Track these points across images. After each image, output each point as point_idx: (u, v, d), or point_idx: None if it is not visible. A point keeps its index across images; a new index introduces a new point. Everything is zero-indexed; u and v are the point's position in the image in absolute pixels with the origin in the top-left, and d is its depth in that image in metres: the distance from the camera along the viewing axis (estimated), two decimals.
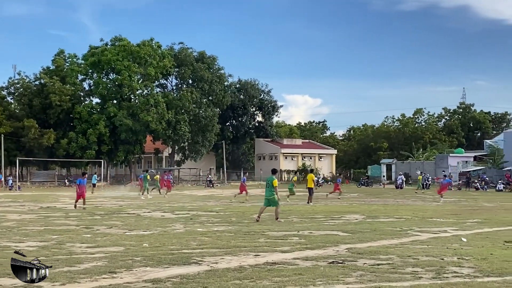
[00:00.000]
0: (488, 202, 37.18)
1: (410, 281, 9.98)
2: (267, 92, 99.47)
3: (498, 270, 11.05)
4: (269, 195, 21.83)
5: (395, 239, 16.07)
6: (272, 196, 21.76)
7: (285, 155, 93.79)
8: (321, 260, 12.25)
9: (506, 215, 25.68)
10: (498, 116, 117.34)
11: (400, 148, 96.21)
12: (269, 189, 21.86)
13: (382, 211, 27.42)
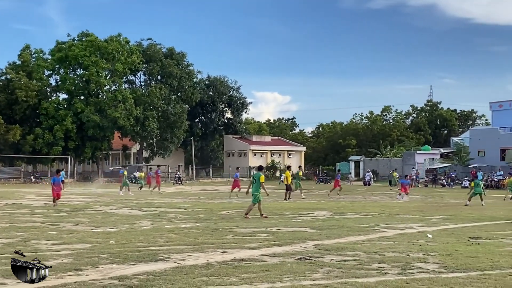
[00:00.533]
0: (454, 198, 37.61)
1: (376, 277, 10.05)
2: (236, 88, 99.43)
3: (462, 266, 11.18)
4: (254, 191, 21.99)
5: (362, 235, 16.18)
6: (256, 192, 21.83)
7: (254, 152, 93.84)
8: (289, 256, 12.28)
9: (471, 211, 26.00)
10: (464, 113, 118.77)
11: (368, 145, 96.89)
12: (256, 185, 21.98)
13: (350, 208, 27.58)
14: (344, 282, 9.50)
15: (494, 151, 74.19)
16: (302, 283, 9.43)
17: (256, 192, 21.99)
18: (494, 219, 21.89)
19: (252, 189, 22.47)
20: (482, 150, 76.29)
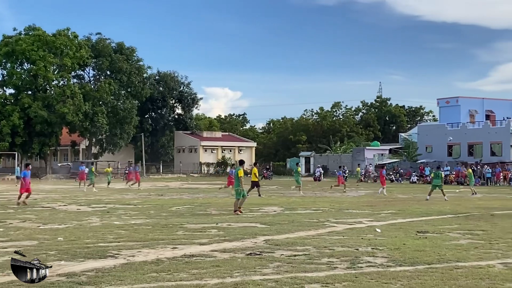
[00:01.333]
0: (402, 193, 38.19)
1: (325, 271, 10.12)
2: (187, 84, 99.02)
3: (410, 259, 11.34)
4: (236, 186, 22.16)
5: (312, 230, 16.29)
6: (237, 187, 22.01)
7: (205, 148, 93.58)
8: (239, 252, 12.29)
9: (419, 206, 26.42)
10: (412, 110, 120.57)
11: (319, 141, 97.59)
12: (238, 180, 21.97)
13: (300, 203, 27.73)
14: (294, 277, 9.55)
15: (441, 146, 75.54)
16: (252, 278, 9.44)
17: (237, 186, 21.98)
18: (441, 213, 22.28)
19: (235, 184, 22.42)
20: (429, 146, 77.62)
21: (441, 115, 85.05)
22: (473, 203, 29.17)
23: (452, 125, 76.36)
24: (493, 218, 20.65)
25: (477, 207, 26.20)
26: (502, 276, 9.74)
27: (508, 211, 23.84)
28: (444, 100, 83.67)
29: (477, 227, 17.32)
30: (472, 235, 15.46)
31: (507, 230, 16.62)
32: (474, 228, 17.04)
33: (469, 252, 12.34)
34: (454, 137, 74.29)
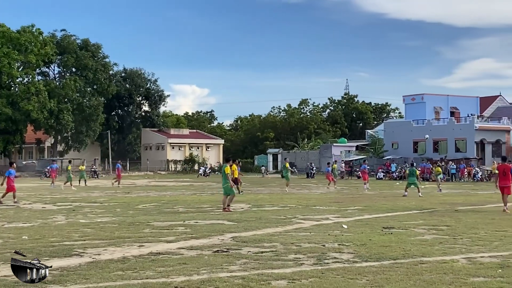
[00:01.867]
0: (368, 190, 38.42)
1: (292, 267, 10.16)
2: (154, 81, 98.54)
3: (376, 255, 11.44)
4: (223, 183, 22.04)
5: (280, 227, 16.33)
6: (225, 184, 21.89)
7: (172, 145, 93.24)
8: (206, 249, 12.27)
9: (385, 202, 26.66)
10: (379, 107, 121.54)
11: (286, 138, 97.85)
12: (223, 177, 22.06)
13: (268, 200, 27.79)
14: (261, 273, 9.57)
15: (407, 143, 76.24)
16: (219, 275, 9.44)
17: (225, 183, 21.96)
18: (407, 209, 22.51)
19: (223, 181, 22.28)
20: (395, 142, 78.29)
21: (407, 112, 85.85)
22: (438, 199, 29.52)
23: (417, 122, 77.10)
24: (457, 213, 20.91)
25: (442, 202, 26.53)
26: (465, 270, 9.87)
27: (471, 207, 24.18)
28: (409, 97, 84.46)
29: (441, 223, 17.53)
30: (437, 230, 15.64)
31: (470, 225, 16.85)
32: (439, 224, 17.24)
33: (434, 247, 12.49)
34: (420, 134, 75.00)
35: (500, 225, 16.96)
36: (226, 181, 21.87)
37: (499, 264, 10.49)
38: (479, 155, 69.64)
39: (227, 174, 21.87)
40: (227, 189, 21.82)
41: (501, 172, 22.74)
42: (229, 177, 22.18)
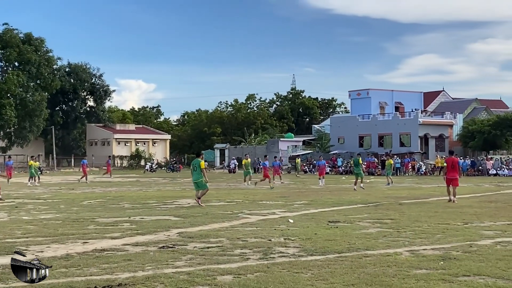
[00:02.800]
0: (315, 184, 38.73)
1: (238, 262, 10.16)
2: (99, 76, 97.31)
3: (321, 249, 11.52)
4: (196, 178, 21.81)
5: (226, 222, 16.31)
6: (200, 179, 21.72)
7: (118, 141, 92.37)
8: (152, 245, 12.17)
9: (331, 196, 26.90)
10: (325, 102, 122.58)
11: (233, 133, 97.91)
12: (197, 173, 21.74)
13: (214, 195, 27.71)
14: (207, 269, 9.54)
15: (353, 138, 77.15)
16: (164, 271, 9.37)
17: (199, 179, 21.75)
18: (352, 203, 22.77)
19: (193, 177, 22.06)
20: (341, 137, 79.14)
21: (353, 107, 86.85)
22: (383, 192, 29.96)
23: (363, 117, 78.07)
24: (401, 207, 21.25)
25: (387, 196, 26.93)
26: (408, 263, 10.02)
27: (415, 200, 24.59)
28: (355, 92, 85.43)
29: (386, 216, 17.78)
30: (381, 224, 15.85)
31: (414, 218, 17.13)
32: (383, 217, 17.48)
33: (378, 241, 12.65)
34: (365, 129, 75.94)
35: (443, 217, 17.30)
36: (200, 176, 21.76)
37: (441, 256, 10.68)
38: (423, 150, 70.97)
39: (203, 169, 21.83)
40: (201, 184, 21.73)
41: (449, 165, 23.95)
42: (205, 172, 22.10)
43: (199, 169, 21.93)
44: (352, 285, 8.44)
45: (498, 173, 56.12)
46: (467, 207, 20.80)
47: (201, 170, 21.89)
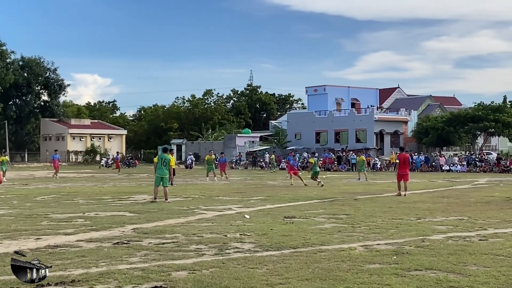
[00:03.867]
0: (272, 180, 38.87)
1: (193, 258, 10.14)
2: (54, 70, 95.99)
3: (276, 244, 11.57)
4: (164, 173, 21.49)
5: (182, 218, 16.26)
6: (167, 175, 21.59)
7: (73, 136, 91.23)
8: (106, 241, 12.07)
9: (287, 192, 27.01)
10: (282, 97, 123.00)
11: (190, 129, 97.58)
12: (166, 168, 21.51)
13: (171, 191, 27.50)
14: (161, 265, 9.50)
15: (309, 133, 77.59)
16: (118, 268, 9.30)
17: (166, 174, 21.53)
18: (308, 199, 22.88)
19: (159, 171, 21.63)
20: (298, 133, 79.53)
21: (309, 103, 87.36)
22: (338, 188, 30.20)
23: (319, 113, 78.59)
24: (356, 202, 21.46)
25: (342, 192, 27.17)
26: (362, 258, 10.13)
27: (370, 196, 24.85)
28: (312, 88, 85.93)
29: (341, 211, 17.94)
30: (336, 219, 15.99)
31: (369, 213, 17.32)
32: (338, 212, 17.63)
33: (333, 236, 12.75)
34: (322, 124, 76.42)
35: (397, 213, 17.52)
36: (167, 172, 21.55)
37: (394, 251, 10.82)
38: (378, 146, 71.77)
39: (171, 166, 21.76)
40: (166, 180, 21.60)
41: (401, 161, 25.23)
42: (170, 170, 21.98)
43: (168, 165, 21.86)
44: (307, 280, 8.50)
45: (451, 169, 57.07)
46: (420, 203, 21.12)
47: (169, 166, 21.84)
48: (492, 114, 64.19)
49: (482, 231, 13.66)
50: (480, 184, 34.31)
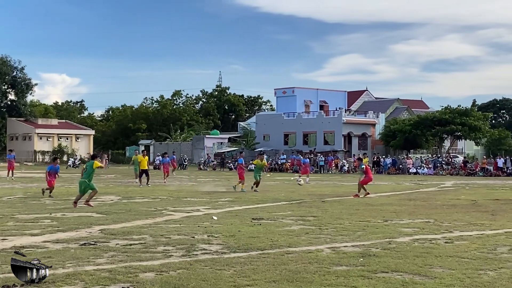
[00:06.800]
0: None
1: (160, 259, 10.12)
2: (21, 69, 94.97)
3: (244, 246, 11.60)
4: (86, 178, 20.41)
5: (150, 219, 16.21)
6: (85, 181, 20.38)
7: (40, 136, 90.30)
8: (73, 242, 12.00)
9: (255, 194, 27.04)
10: (251, 99, 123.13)
11: (159, 129, 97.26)
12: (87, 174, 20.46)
13: (138, 192, 27.49)
14: (129, 266, 9.47)
15: (278, 135, 77.76)
16: (85, 269, 9.25)
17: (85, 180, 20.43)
18: (276, 200, 22.96)
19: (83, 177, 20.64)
20: (267, 135, 79.67)
21: (278, 104, 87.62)
22: (307, 190, 30.31)
23: (288, 115, 78.82)
24: (324, 204, 21.58)
25: (310, 193, 27.29)
26: (329, 260, 10.21)
27: (338, 198, 25.02)
28: (281, 90, 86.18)
29: (309, 213, 18.03)
30: (304, 221, 16.07)
31: (336, 215, 17.44)
32: (306, 214, 17.72)
33: (300, 238, 12.82)
34: (290, 126, 76.65)
35: (364, 215, 17.67)
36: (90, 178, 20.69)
37: (360, 253, 10.93)
38: (346, 148, 72.18)
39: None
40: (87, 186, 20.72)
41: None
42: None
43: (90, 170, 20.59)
44: (274, 282, 8.54)
45: (418, 171, 57.65)
46: (387, 205, 21.32)
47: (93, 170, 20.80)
48: (459, 117, 65.00)
49: (448, 233, 13.84)
50: (446, 187, 34.71)
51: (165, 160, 40.51)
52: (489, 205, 21.67)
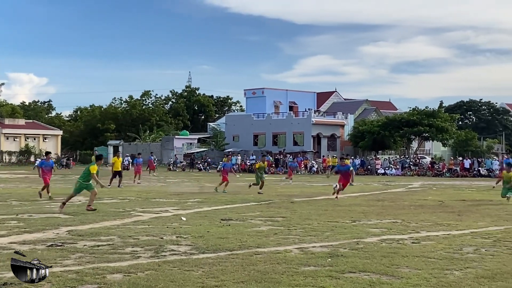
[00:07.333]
0: (210, 182, 38.80)
1: (129, 260, 10.08)
2: None
3: (213, 246, 11.61)
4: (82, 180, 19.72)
5: (118, 220, 16.12)
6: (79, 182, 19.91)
7: (7, 136, 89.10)
8: (40, 243, 11.90)
9: (224, 194, 27.02)
10: (220, 100, 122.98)
11: (128, 130, 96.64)
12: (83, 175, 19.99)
13: (106, 193, 27.23)
14: (96, 267, 9.42)
15: (247, 136, 77.78)
16: (52, 270, 9.13)
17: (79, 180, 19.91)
18: (245, 201, 22.99)
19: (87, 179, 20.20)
20: (236, 135, 79.64)
21: (248, 105, 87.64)
22: (275, 191, 30.39)
23: (258, 116, 78.88)
24: (293, 205, 21.66)
25: (279, 194, 27.38)
26: (297, 260, 10.26)
27: (306, 198, 25.13)
28: (250, 91, 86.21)
29: (277, 214, 18.09)
30: (273, 221, 16.12)
31: (305, 216, 17.52)
32: (275, 215, 17.78)
33: (269, 238, 12.86)
34: (260, 127, 76.73)
35: (332, 216, 17.78)
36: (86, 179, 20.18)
37: (329, 253, 11.00)
38: (315, 149, 72.46)
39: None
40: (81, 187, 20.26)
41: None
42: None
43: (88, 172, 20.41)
44: (242, 282, 8.56)
45: (386, 172, 58.14)
46: (355, 206, 21.48)
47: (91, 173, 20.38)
48: (427, 119, 65.62)
49: (415, 234, 13.99)
50: (414, 188, 35.06)
51: (138, 160, 40.30)
52: (456, 206, 21.96)
